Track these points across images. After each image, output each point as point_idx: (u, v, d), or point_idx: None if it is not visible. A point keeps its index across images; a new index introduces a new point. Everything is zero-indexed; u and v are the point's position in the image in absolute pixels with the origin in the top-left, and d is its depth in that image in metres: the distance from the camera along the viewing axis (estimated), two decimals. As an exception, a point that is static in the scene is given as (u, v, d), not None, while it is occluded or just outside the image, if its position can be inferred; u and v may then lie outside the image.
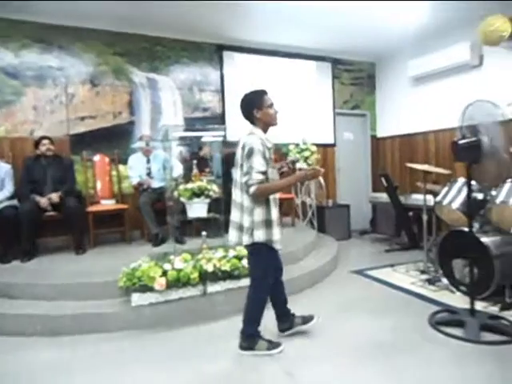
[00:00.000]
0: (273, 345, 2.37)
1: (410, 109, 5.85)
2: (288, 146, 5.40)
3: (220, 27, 4.87)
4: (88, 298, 2.87)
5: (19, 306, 2.83)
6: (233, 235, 2.29)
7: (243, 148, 2.21)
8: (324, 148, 6.01)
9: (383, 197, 5.32)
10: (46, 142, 3.96)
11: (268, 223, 2.21)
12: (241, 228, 2.24)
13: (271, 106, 2.32)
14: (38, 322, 2.66)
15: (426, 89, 5.54)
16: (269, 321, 2.54)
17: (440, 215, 3.65)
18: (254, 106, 2.29)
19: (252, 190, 2.13)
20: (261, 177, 2.13)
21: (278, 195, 2.35)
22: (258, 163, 2.13)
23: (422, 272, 3.84)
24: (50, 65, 4.44)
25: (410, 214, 4.91)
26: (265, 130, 2.33)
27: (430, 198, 3.97)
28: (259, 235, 2.18)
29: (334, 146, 6.18)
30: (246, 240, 2.21)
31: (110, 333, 2.65)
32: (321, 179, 5.63)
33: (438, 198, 3.56)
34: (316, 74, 6.02)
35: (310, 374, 2.14)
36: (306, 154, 5.36)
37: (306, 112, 5.87)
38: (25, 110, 4.33)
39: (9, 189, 3.81)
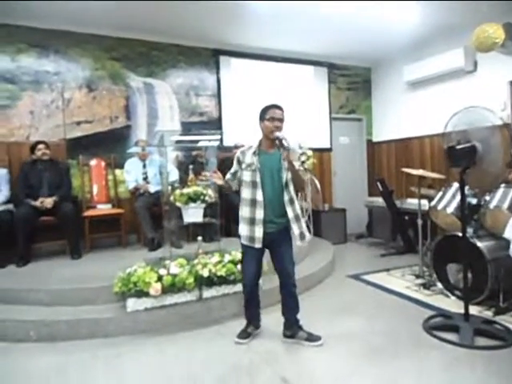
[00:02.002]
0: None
1: (405, 113, 5.89)
2: (284, 151, 5.41)
3: (216, 32, 4.90)
4: (84, 303, 2.87)
5: (14, 311, 2.82)
6: None
7: None
8: (320, 152, 6.04)
9: (379, 201, 5.34)
10: (41, 146, 3.96)
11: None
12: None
13: (269, 119, 2.40)
14: (33, 328, 2.65)
15: (422, 93, 5.59)
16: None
17: (435, 220, 3.67)
18: (260, 117, 2.46)
19: None
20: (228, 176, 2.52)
21: (257, 196, 2.39)
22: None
23: (417, 276, 3.86)
24: (47, 69, 4.45)
25: (406, 218, 4.93)
26: (267, 140, 2.45)
27: (424, 202, 3.99)
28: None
29: (330, 150, 6.21)
30: None
31: (106, 338, 2.65)
32: (317, 183, 5.66)
33: (433, 203, 3.59)
34: (313, 78, 6.06)
35: (305, 378, 2.14)
36: (303, 158, 5.38)
37: (303, 117, 5.89)
38: (21, 114, 4.33)
39: (5, 193, 3.81)
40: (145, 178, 4.34)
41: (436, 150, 5.37)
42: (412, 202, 4.82)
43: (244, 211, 2.42)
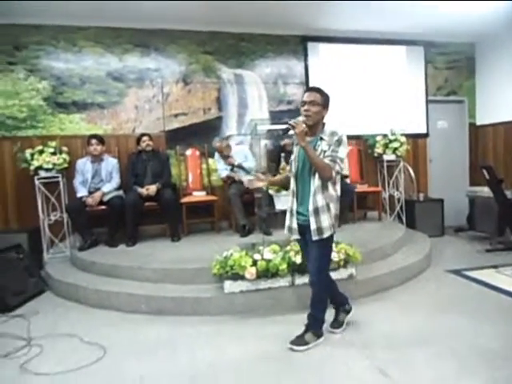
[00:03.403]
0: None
1: (517, 92, 5.20)
2: (375, 138, 5.18)
3: (304, 18, 4.82)
4: (185, 283, 3.11)
5: (127, 285, 3.17)
6: None
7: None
8: (414, 139, 5.64)
9: (484, 191, 4.84)
10: (145, 138, 4.34)
11: None
12: None
13: (301, 104, 2.30)
14: (144, 301, 2.95)
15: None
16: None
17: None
18: None
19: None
20: None
21: (293, 186, 2.37)
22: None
23: (533, 276, 3.43)
24: (148, 67, 4.82)
25: (517, 210, 4.39)
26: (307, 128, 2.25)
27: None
28: None
29: (426, 135, 5.77)
30: None
31: (206, 316, 2.85)
32: (410, 171, 5.32)
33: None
34: (406, 59, 5.65)
35: (407, 376, 2.05)
36: (395, 145, 5.10)
37: (395, 101, 5.56)
38: (127, 109, 4.78)
39: (116, 181, 4.25)
40: (232, 169, 4.47)
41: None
42: (526, 193, 4.27)
43: (289, 201, 2.42)
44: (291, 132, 2.21)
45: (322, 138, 2.25)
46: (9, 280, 3.27)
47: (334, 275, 3.01)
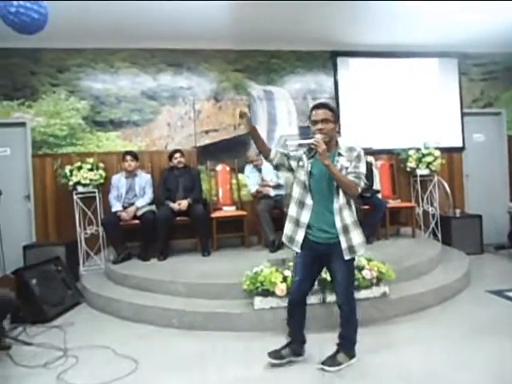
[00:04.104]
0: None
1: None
2: (408, 152, 5.07)
3: (333, 33, 4.86)
4: (216, 298, 3.12)
5: (159, 299, 3.22)
6: None
7: None
8: (449, 152, 5.47)
9: (526, 207, 4.60)
10: (177, 155, 4.44)
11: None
12: None
13: (312, 123, 2.24)
14: (175, 316, 2.99)
15: None
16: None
17: None
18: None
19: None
20: None
21: (307, 200, 2.24)
22: None
23: None
24: (181, 85, 4.98)
25: None
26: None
27: None
28: None
29: (461, 149, 5.58)
30: None
31: (236, 332, 2.83)
32: (446, 186, 5.16)
33: None
34: (438, 71, 5.54)
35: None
36: (429, 159, 4.96)
37: (428, 114, 5.43)
38: (161, 126, 4.94)
39: (149, 195, 4.37)
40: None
41: None
42: None
43: (291, 210, 2.31)
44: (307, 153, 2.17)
45: (340, 154, 2.19)
46: (48, 291, 3.40)
47: (366, 294, 2.98)
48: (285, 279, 2.89)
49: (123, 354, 2.56)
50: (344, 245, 2.17)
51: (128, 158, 4.30)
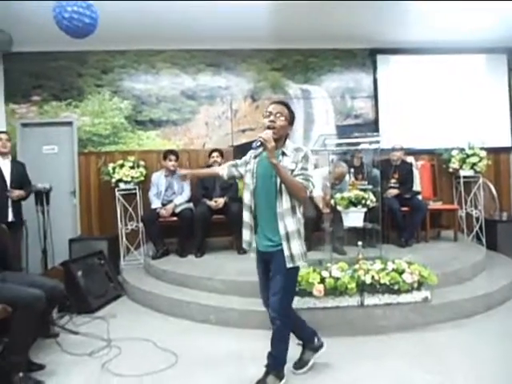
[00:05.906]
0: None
1: None
2: (450, 152, 4.87)
3: (373, 31, 4.76)
4: (251, 295, 3.09)
5: (196, 295, 3.28)
6: None
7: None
8: (496, 152, 5.21)
9: None
10: (215, 154, 4.49)
11: None
12: None
13: (266, 115, 2.14)
14: (212, 312, 3.04)
15: None
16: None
17: None
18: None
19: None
20: None
21: (252, 204, 2.14)
22: None
23: None
24: (219, 85, 5.05)
25: None
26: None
27: None
28: None
29: (510, 149, 5.30)
30: None
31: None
32: (492, 188, 4.91)
33: None
34: (486, 67, 5.30)
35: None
36: (473, 159, 4.75)
37: (473, 112, 5.20)
38: (198, 125, 5.03)
39: (187, 193, 4.46)
40: None
41: None
42: None
43: (244, 215, 2.19)
44: (255, 145, 1.99)
45: (284, 153, 2.05)
46: (92, 283, 3.56)
47: (406, 298, 2.89)
48: (322, 280, 2.86)
49: (163, 348, 2.64)
50: (287, 252, 2.03)
51: (172, 157, 4.39)
